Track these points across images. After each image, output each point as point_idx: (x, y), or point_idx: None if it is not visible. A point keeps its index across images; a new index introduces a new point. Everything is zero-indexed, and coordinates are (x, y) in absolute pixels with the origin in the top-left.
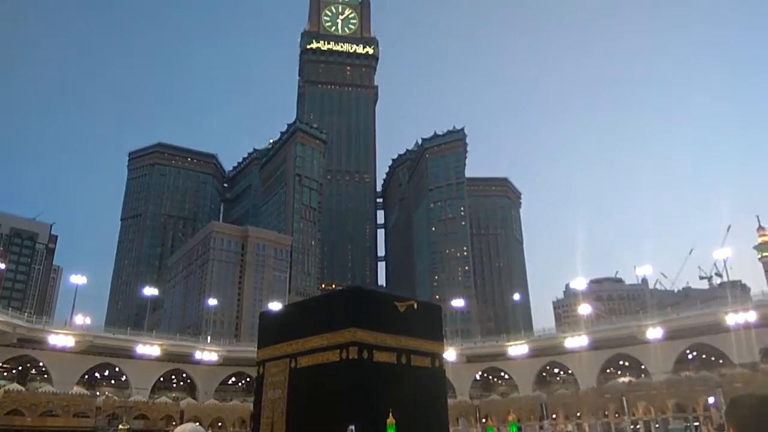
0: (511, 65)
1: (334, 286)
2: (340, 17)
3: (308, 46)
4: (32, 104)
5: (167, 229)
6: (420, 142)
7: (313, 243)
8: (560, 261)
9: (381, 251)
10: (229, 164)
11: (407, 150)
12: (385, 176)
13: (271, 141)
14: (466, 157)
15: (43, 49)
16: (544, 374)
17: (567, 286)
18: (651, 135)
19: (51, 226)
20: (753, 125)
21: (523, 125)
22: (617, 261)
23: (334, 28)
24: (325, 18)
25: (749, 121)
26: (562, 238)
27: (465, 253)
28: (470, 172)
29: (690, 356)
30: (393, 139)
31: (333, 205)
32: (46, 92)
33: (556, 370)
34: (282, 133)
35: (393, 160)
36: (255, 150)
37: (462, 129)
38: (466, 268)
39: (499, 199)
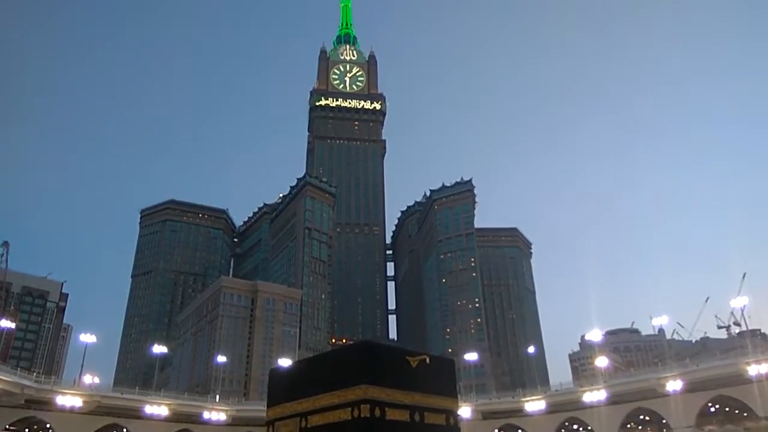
0: (519, 117)
1: (344, 340)
2: (348, 75)
3: (317, 103)
4: (44, 162)
5: (177, 285)
6: (428, 193)
7: (323, 296)
8: (574, 311)
9: (391, 304)
10: (239, 219)
11: (416, 202)
12: (394, 228)
13: (281, 195)
14: (474, 208)
15: (56, 104)
16: (563, 431)
17: (583, 338)
18: (663, 184)
19: (62, 284)
20: (765, 173)
21: (532, 175)
22: (632, 310)
23: (342, 85)
24: (334, 76)
25: (762, 170)
26: (575, 288)
27: (477, 305)
28: (479, 222)
29: (713, 409)
30: (402, 191)
31: (343, 258)
32: (58, 150)
33: (575, 426)
34: (292, 188)
35: (402, 212)
36: (265, 204)
37: (470, 180)
38: (479, 320)
39: (510, 249)
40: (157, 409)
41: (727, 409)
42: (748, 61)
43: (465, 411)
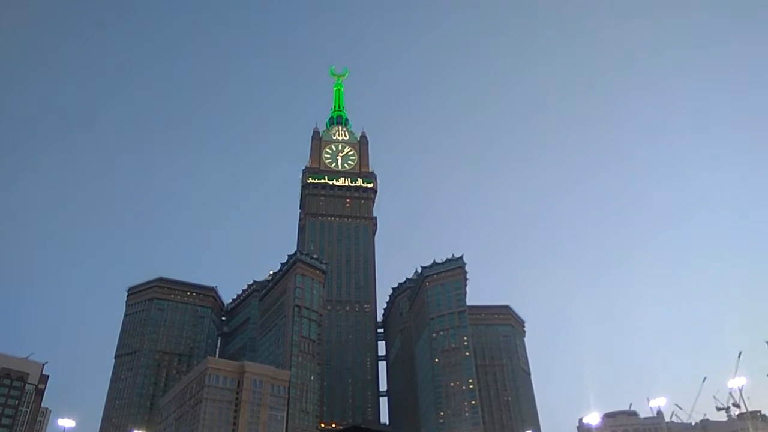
0: (508, 195)
1: (333, 424)
2: (340, 154)
3: (310, 181)
4: (29, 238)
5: (161, 366)
6: (419, 270)
7: (312, 378)
8: (571, 392)
9: (383, 385)
10: (229, 296)
11: (407, 279)
12: (385, 306)
13: (271, 272)
14: (466, 285)
15: (39, 180)
16: None
17: (580, 421)
18: (656, 261)
19: (43, 365)
20: (759, 246)
21: (523, 251)
22: (629, 391)
23: (334, 164)
24: (326, 155)
25: (754, 243)
26: (571, 367)
27: (471, 386)
28: (471, 300)
29: None
30: (393, 268)
31: (333, 337)
32: (43, 227)
33: None
34: (282, 265)
35: (393, 289)
36: (255, 282)
37: (461, 257)
38: (473, 402)
39: (503, 327)
40: None
41: None
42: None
43: None
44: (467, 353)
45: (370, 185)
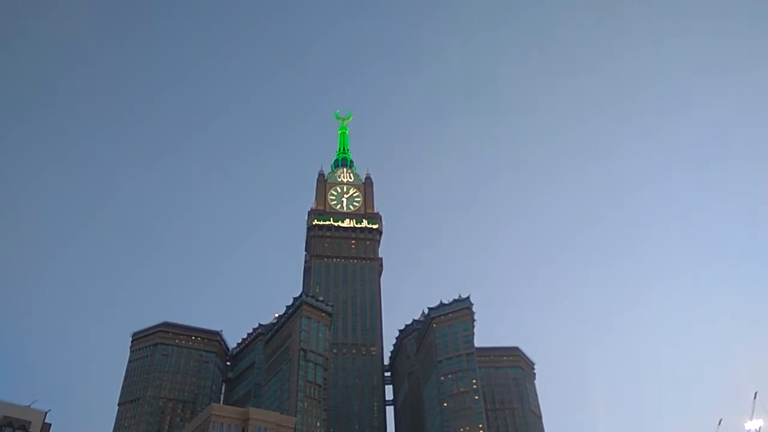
0: (516, 234)
1: None
2: (345, 196)
3: (315, 223)
4: (30, 284)
5: (165, 413)
6: (426, 311)
7: (318, 424)
8: None
9: (391, 431)
10: (234, 340)
11: (414, 320)
12: (392, 348)
13: (277, 315)
14: (474, 326)
15: (42, 222)
16: None
17: None
18: (668, 302)
19: (46, 413)
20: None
21: (531, 292)
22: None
23: (339, 206)
24: (331, 197)
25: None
26: (582, 411)
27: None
28: (479, 342)
29: None
30: (399, 309)
31: (339, 381)
32: (45, 274)
33: None
34: (288, 307)
35: (400, 331)
36: (260, 325)
37: (467, 297)
38: None
39: (512, 370)
40: None
41: None
42: None
43: None
44: (476, 397)
45: (375, 226)
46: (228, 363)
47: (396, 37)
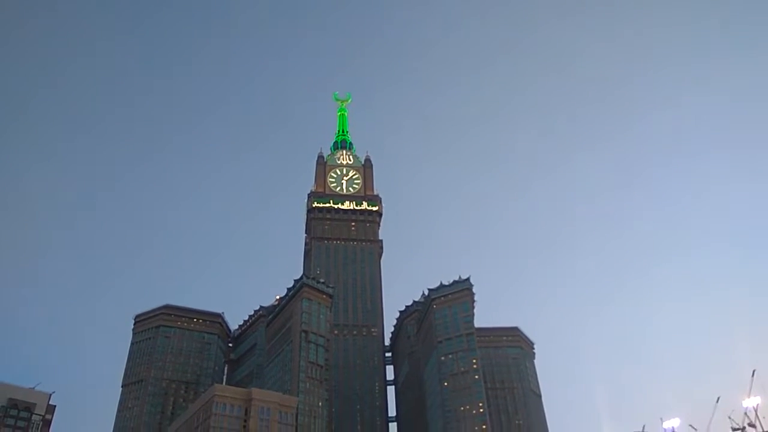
0: (516, 214)
1: None
2: (345, 178)
3: (315, 205)
4: (31, 269)
5: (168, 394)
6: (426, 293)
7: (320, 404)
8: (583, 414)
9: (392, 410)
10: (235, 323)
11: (414, 301)
12: (392, 329)
13: (278, 297)
14: (473, 307)
15: (44, 208)
16: None
17: None
18: (667, 281)
19: (50, 395)
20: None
21: (530, 272)
22: (640, 411)
23: (339, 188)
24: (331, 179)
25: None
26: (582, 389)
27: (481, 410)
28: (479, 322)
29: None
30: (399, 291)
31: (340, 362)
32: (48, 258)
33: None
34: (288, 289)
35: (400, 312)
36: (261, 307)
37: (468, 278)
38: (484, 426)
39: (512, 350)
40: None
41: None
42: None
43: None
44: (477, 376)
45: (375, 208)
46: (230, 345)
47: (395, 17)
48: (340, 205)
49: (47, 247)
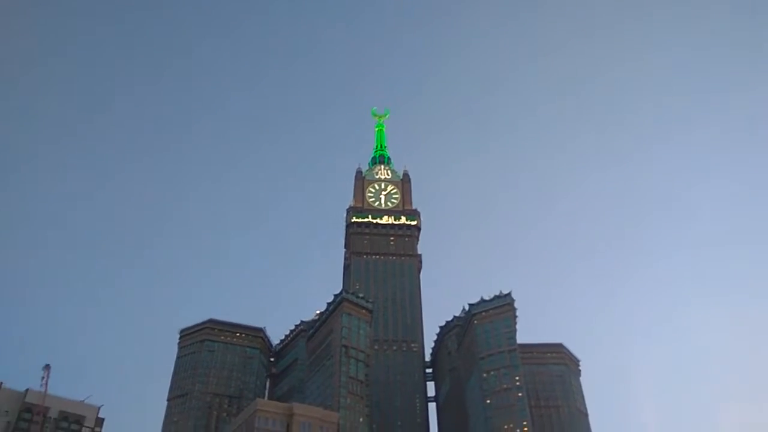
0: (556, 227)
1: None
2: (383, 193)
3: (353, 220)
4: (80, 282)
5: (212, 408)
6: (467, 308)
7: (360, 420)
8: None
9: (433, 427)
10: (276, 337)
11: (455, 317)
12: (433, 345)
13: (318, 312)
14: (516, 323)
15: (93, 222)
16: None
17: None
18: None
19: (99, 408)
20: None
21: (575, 287)
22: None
23: (377, 203)
24: (369, 194)
25: None
26: (631, 409)
27: (525, 429)
28: (522, 338)
29: None
30: (439, 306)
31: (380, 378)
32: (95, 273)
33: None
34: (328, 304)
35: (440, 327)
36: (302, 322)
37: (509, 293)
38: None
39: (556, 367)
40: None
41: None
42: None
43: None
44: (520, 394)
45: (413, 223)
46: (272, 359)
47: (432, 31)
48: (378, 220)
49: (94, 262)
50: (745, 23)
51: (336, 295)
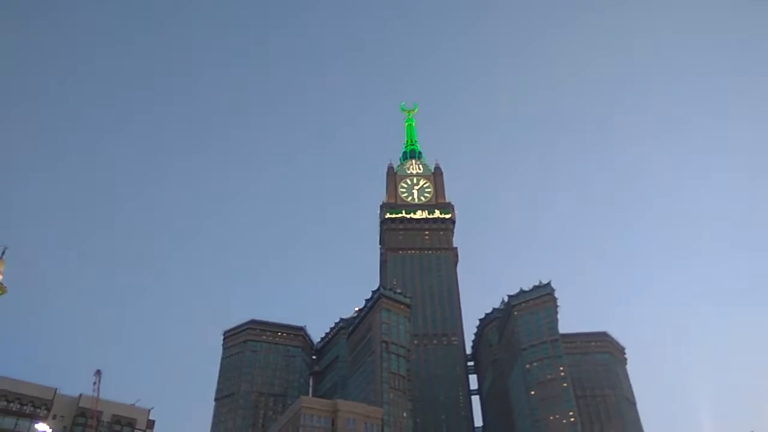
0: (592, 214)
1: None
2: (416, 188)
3: (387, 216)
4: (125, 289)
5: (258, 407)
6: (506, 299)
7: (404, 414)
8: (681, 422)
9: (478, 420)
10: (316, 335)
11: (494, 309)
12: (473, 338)
13: (356, 309)
14: (557, 312)
15: (130, 230)
16: None
17: None
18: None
19: (149, 411)
20: None
21: (616, 274)
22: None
23: (410, 198)
24: (402, 189)
25: None
26: (679, 396)
27: (572, 419)
28: (564, 327)
29: None
30: (477, 298)
31: (422, 372)
32: (141, 277)
33: None
34: (367, 301)
35: (480, 320)
36: (341, 319)
37: (549, 283)
38: None
39: (601, 355)
40: None
41: None
42: None
43: None
44: (565, 384)
45: (447, 216)
46: (314, 357)
47: (460, 25)
48: (412, 215)
49: (140, 267)
50: (746, 23)
51: (374, 292)
